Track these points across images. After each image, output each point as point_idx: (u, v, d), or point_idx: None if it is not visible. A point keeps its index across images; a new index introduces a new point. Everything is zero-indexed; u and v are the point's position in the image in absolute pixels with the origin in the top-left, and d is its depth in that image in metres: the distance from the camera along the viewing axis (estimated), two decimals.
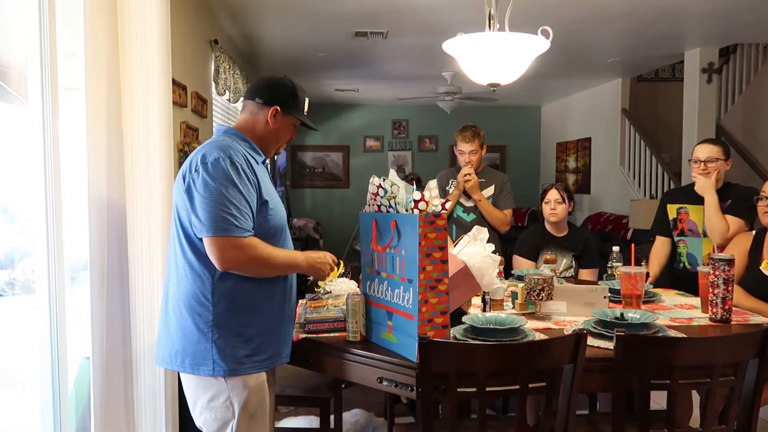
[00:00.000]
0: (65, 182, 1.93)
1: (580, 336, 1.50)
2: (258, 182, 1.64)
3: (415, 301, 1.55)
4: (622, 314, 1.81)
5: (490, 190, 3.26)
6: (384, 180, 1.69)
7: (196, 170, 1.58)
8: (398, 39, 4.71)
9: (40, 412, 2.00)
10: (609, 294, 2.08)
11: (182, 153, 2.99)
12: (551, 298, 2.01)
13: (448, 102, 6.24)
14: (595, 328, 1.78)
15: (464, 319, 1.76)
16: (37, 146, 1.86)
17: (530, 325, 1.86)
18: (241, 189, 1.57)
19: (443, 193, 3.29)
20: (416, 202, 1.59)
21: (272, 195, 1.72)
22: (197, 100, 3.41)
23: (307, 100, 1.81)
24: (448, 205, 1.78)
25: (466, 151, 3.23)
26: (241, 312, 1.63)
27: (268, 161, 1.83)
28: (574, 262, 2.99)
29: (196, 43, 3.47)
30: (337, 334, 1.82)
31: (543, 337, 1.72)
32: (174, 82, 2.79)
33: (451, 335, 1.71)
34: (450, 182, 3.34)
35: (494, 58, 1.98)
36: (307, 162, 8.51)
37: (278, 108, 1.72)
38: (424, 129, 8.67)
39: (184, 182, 1.60)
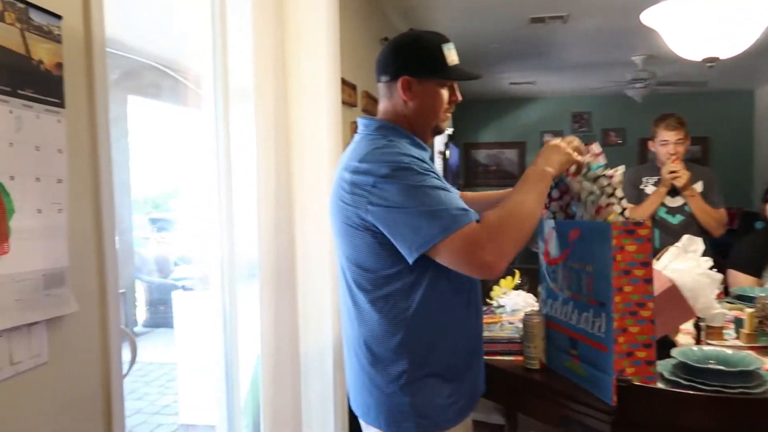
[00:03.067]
0: (236, 182, 1.96)
1: None
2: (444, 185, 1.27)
3: (610, 329, 1.25)
4: None
5: (697, 187, 2.76)
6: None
7: (369, 188, 1.21)
8: (580, 22, 4.26)
9: (217, 402, 2.05)
10: None
11: None
12: None
13: (639, 90, 5.55)
14: None
15: (674, 353, 1.41)
16: (210, 147, 1.89)
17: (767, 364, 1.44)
18: (432, 183, 1.20)
19: (635, 193, 2.83)
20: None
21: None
22: (368, 99, 3.36)
23: (447, 47, 1.34)
24: (648, 210, 1.43)
25: (671, 140, 2.75)
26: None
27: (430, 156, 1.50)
28: None
29: (366, 42, 3.43)
30: (511, 358, 1.58)
31: None
32: (343, 81, 2.75)
33: (658, 372, 1.38)
34: (644, 180, 2.87)
35: (713, 25, 1.57)
36: (481, 160, 8.25)
37: (409, 77, 1.32)
38: (609, 121, 7.89)
39: (348, 204, 1.26)
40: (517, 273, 2.02)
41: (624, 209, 1.35)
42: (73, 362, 1.13)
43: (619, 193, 1.36)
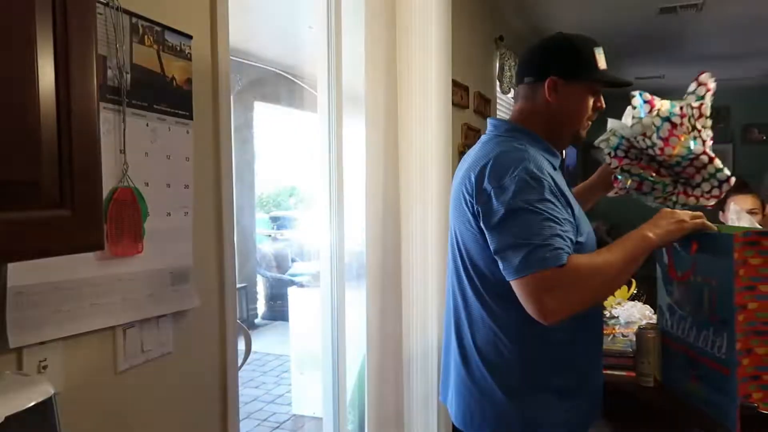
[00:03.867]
0: (347, 184, 2.03)
1: None
2: (569, 203, 1.22)
3: (732, 349, 1.15)
4: None
5: None
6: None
7: (485, 193, 1.18)
8: (716, 10, 3.91)
9: (323, 397, 2.13)
10: None
11: (462, 155, 2.94)
12: None
13: None
14: None
15: None
16: (323, 149, 1.98)
17: None
18: (546, 210, 1.14)
19: None
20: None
21: (581, 216, 1.28)
22: (480, 100, 3.33)
23: (598, 51, 1.30)
24: None
25: None
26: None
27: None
28: None
29: (479, 42, 3.40)
30: (624, 373, 1.50)
31: None
32: (455, 83, 2.75)
33: None
34: None
35: None
36: (601, 160, 7.84)
37: (556, 77, 1.27)
38: (752, 116, 7.16)
39: (468, 206, 1.24)
40: (634, 282, 1.91)
41: (703, 142, 1.26)
42: (195, 352, 1.23)
43: (701, 123, 1.27)
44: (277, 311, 5.35)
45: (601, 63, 1.30)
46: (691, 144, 1.36)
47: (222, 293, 1.30)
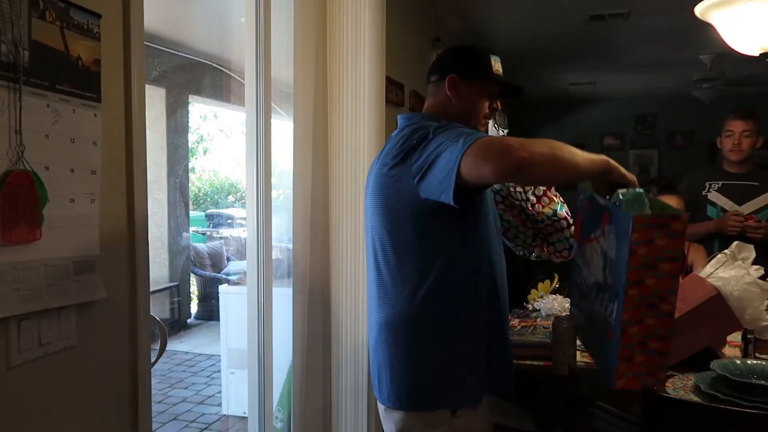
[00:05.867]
0: (276, 181, 1.99)
1: None
2: None
3: (619, 318, 1.19)
4: None
5: (765, 199, 2.55)
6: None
7: (411, 145, 1.31)
8: (643, 19, 4.09)
9: (248, 397, 2.09)
10: None
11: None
12: None
13: (706, 90, 5.28)
14: None
15: (714, 365, 1.33)
16: (251, 145, 1.93)
17: None
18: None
19: (696, 200, 2.66)
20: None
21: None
22: (415, 98, 3.35)
23: (494, 59, 1.49)
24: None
25: (737, 130, 2.53)
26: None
27: None
28: None
29: (416, 42, 3.42)
30: (542, 363, 1.54)
31: None
32: (390, 81, 2.75)
33: (694, 385, 1.31)
34: (707, 185, 2.68)
35: None
36: None
37: (455, 75, 1.44)
38: (675, 123, 7.55)
39: (395, 177, 1.35)
40: (557, 277, 1.97)
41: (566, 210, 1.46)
42: (102, 346, 1.18)
43: None
44: (211, 311, 5.23)
45: (496, 68, 1.49)
46: (558, 207, 1.67)
47: (133, 285, 1.24)
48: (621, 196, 1.22)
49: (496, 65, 1.49)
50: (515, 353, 1.52)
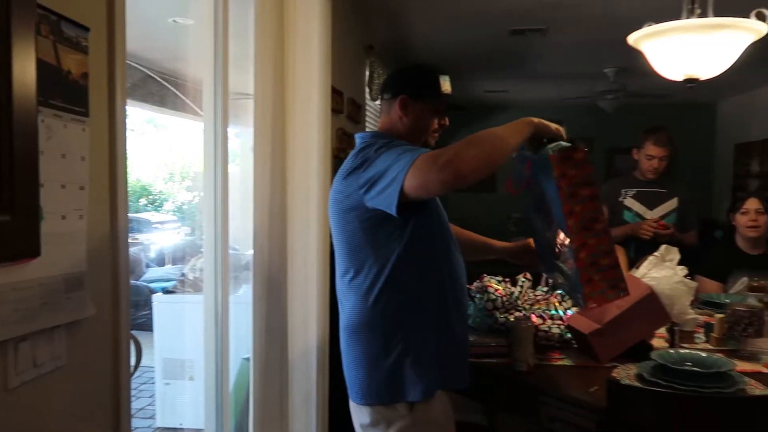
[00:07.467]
0: (232, 185, 1.99)
1: None
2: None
3: (571, 248, 1.35)
4: None
5: (671, 204, 2.87)
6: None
7: (361, 164, 1.43)
8: (558, 36, 4.40)
9: (205, 406, 2.07)
10: None
11: (338, 159, 3.01)
12: (761, 335, 1.67)
13: (610, 101, 5.74)
14: None
15: (653, 355, 1.51)
16: (209, 151, 1.92)
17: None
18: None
19: (614, 207, 2.92)
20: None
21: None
22: (352, 106, 3.42)
23: (444, 79, 1.57)
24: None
25: (657, 156, 2.85)
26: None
27: None
28: None
29: (351, 49, 3.50)
30: (501, 360, 1.66)
31: (755, 383, 1.43)
32: (332, 89, 2.80)
33: (636, 373, 1.48)
34: (622, 192, 2.96)
35: (695, 48, 1.68)
36: None
37: (406, 96, 1.53)
38: (578, 130, 8.05)
39: (349, 196, 1.46)
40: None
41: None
42: (89, 363, 1.16)
43: None
44: (132, 321, 4.97)
45: (445, 88, 1.56)
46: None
47: (116, 299, 1.23)
48: (550, 151, 1.37)
49: (445, 85, 1.57)
50: (476, 352, 1.64)
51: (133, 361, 1.39)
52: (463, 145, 1.27)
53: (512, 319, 1.67)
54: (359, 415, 1.53)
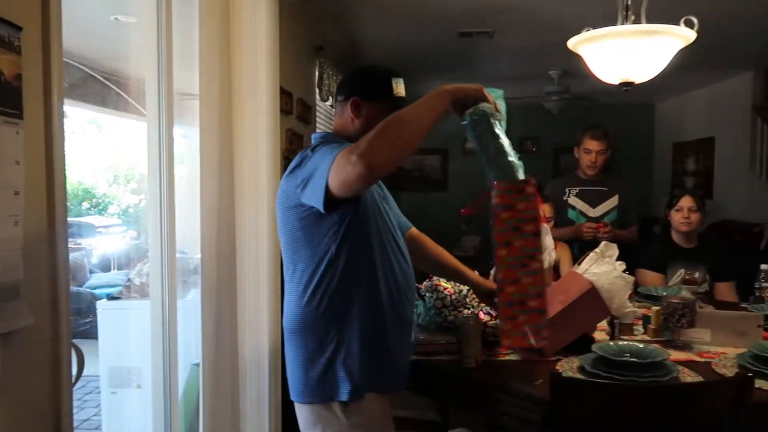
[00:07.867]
0: (179, 188, 1.95)
1: (745, 380, 1.27)
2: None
3: (497, 279, 1.36)
4: None
5: (612, 201, 2.98)
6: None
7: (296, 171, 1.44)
8: (505, 39, 4.51)
9: (153, 414, 2.03)
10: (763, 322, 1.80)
11: (287, 161, 2.99)
12: (693, 325, 1.76)
13: (555, 102, 5.92)
14: (752, 364, 1.53)
15: (594, 348, 1.57)
16: (154, 152, 1.88)
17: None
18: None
19: (560, 204, 3.01)
20: None
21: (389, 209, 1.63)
22: (302, 107, 3.40)
23: (396, 80, 1.54)
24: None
25: (594, 149, 2.97)
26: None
27: None
28: (707, 276, 2.68)
29: (301, 50, 3.48)
30: (451, 357, 1.69)
31: (688, 371, 1.51)
32: (281, 89, 2.78)
33: (579, 366, 1.53)
34: (567, 191, 3.07)
35: (629, 53, 1.76)
36: (404, 166, 8.43)
37: (358, 98, 1.52)
38: (526, 131, 8.31)
39: (290, 196, 1.46)
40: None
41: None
42: (28, 375, 1.12)
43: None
44: (74, 327, 4.77)
45: (398, 90, 1.54)
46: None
47: (56, 307, 1.19)
48: (469, 117, 1.37)
49: (399, 87, 1.55)
50: (426, 350, 1.67)
51: (74, 371, 1.35)
52: (373, 135, 1.24)
53: (461, 317, 1.70)
54: (300, 414, 1.54)
